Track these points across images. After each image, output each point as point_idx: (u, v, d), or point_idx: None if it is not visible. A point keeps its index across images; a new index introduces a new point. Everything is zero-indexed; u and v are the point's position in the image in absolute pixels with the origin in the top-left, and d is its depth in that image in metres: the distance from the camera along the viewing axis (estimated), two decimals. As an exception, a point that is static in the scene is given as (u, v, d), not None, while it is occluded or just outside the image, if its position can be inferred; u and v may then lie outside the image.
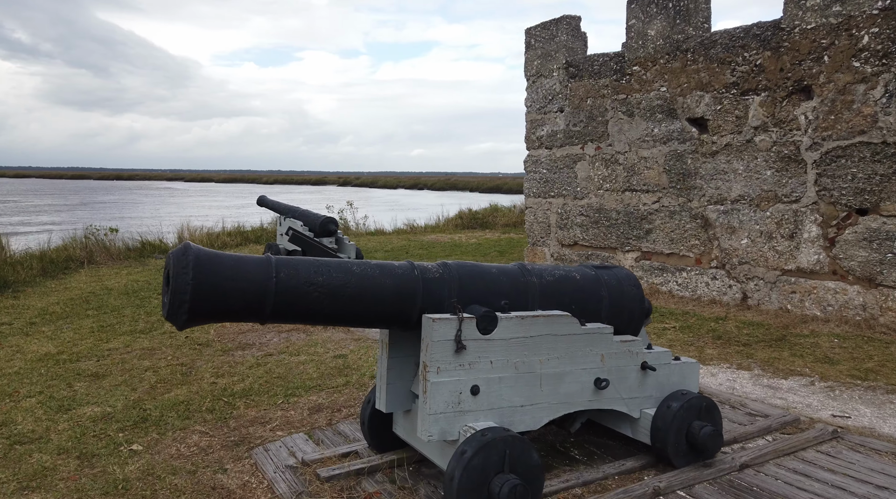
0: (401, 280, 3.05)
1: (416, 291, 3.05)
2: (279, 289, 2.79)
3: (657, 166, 8.16)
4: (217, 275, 2.68)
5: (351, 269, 2.98)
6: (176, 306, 2.62)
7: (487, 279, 3.24)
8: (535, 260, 10.05)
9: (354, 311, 2.96)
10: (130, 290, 9.32)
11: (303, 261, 2.94)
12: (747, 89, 7.14)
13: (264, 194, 12.68)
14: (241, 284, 2.73)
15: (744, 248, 7.28)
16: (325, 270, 2.92)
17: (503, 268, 3.36)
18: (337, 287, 2.90)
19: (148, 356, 5.95)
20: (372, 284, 2.98)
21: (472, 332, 2.99)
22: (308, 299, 2.85)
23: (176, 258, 2.65)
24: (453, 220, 18.57)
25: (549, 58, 9.59)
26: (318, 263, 2.94)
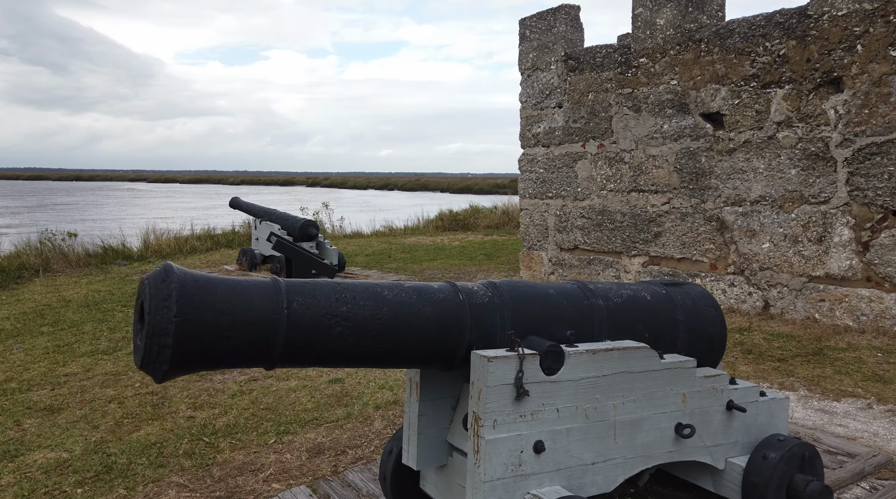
0: (443, 307, 2.39)
1: (463, 320, 2.40)
2: (292, 324, 2.11)
3: (667, 165, 7.62)
4: (210, 308, 2.00)
5: (382, 294, 2.31)
6: (154, 353, 1.93)
7: (545, 303, 2.60)
8: (532, 265, 9.45)
9: (386, 349, 2.30)
10: (91, 301, 8.47)
11: (320, 285, 2.26)
12: (769, 82, 6.62)
13: (237, 196, 11.88)
14: (243, 319, 2.05)
15: (765, 252, 6.76)
16: (349, 296, 2.25)
17: (561, 288, 2.72)
18: (366, 319, 2.24)
19: (112, 383, 5.18)
20: (409, 313, 2.32)
21: (534, 372, 2.34)
22: (329, 336, 2.18)
23: (153, 286, 1.96)
24: (433, 221, 17.91)
25: (546, 50, 9.00)
26: (339, 288, 2.27)
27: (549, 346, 2.36)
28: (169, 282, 1.96)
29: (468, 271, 11.01)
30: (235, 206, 11.52)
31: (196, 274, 2.06)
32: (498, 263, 12.02)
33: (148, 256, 12.63)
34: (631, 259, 8.12)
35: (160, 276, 1.99)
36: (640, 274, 8.00)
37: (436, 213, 19.02)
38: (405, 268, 11.40)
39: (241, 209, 11.50)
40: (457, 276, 10.61)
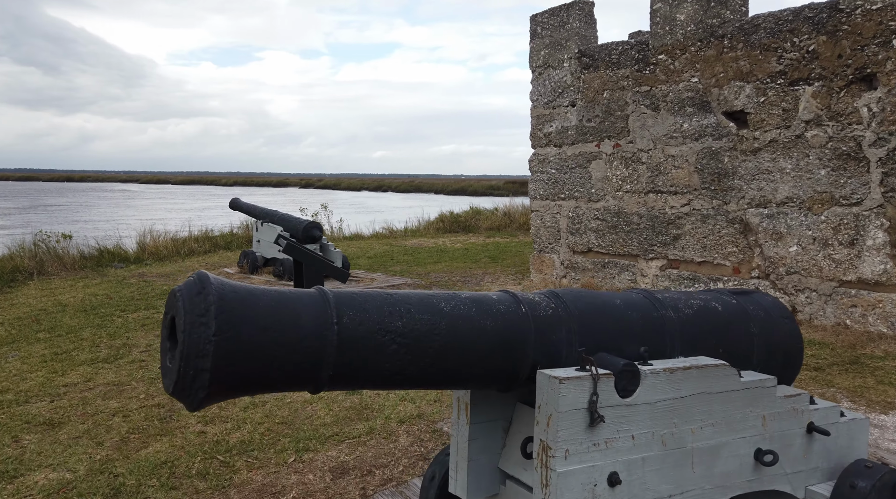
0: (506, 321, 2.12)
1: (527, 336, 2.13)
2: (343, 341, 1.84)
3: (687, 165, 7.37)
4: (252, 325, 1.72)
5: (438, 306, 2.04)
6: (189, 378, 1.65)
7: (614, 315, 2.33)
8: (543, 268, 9.20)
9: (444, 369, 2.03)
10: (88, 306, 8.15)
11: (371, 297, 1.99)
12: (797, 79, 6.39)
13: (237, 197, 11.58)
14: (289, 336, 1.77)
15: (792, 256, 6.53)
16: (403, 309, 1.97)
17: (627, 298, 2.46)
18: (423, 335, 1.96)
19: (115, 394, 4.88)
20: (468, 328, 2.05)
21: (609, 395, 2.08)
22: (383, 356, 1.91)
23: (188, 300, 1.68)
24: (434, 223, 17.63)
25: (558, 47, 8.75)
26: (392, 300, 1.99)
27: (624, 364, 2.10)
28: (206, 294, 1.68)
29: (474, 274, 10.74)
30: (235, 207, 11.22)
31: (235, 285, 1.79)
32: (504, 265, 11.77)
33: (145, 259, 12.31)
34: (648, 262, 7.88)
35: (195, 287, 1.71)
36: (658, 278, 7.75)
37: (434, 214, 18.76)
38: (410, 271, 11.13)
39: (241, 210, 11.20)
40: (463, 279, 10.34)
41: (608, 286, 8.29)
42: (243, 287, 1.79)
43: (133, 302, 8.36)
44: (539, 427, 2.07)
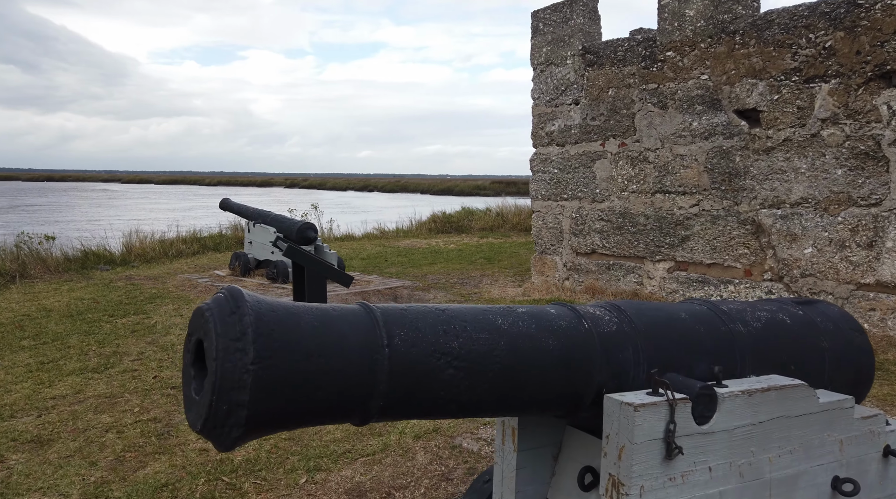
0: (569, 339, 1.88)
1: (592, 355, 1.89)
2: (395, 366, 1.59)
3: (696, 165, 7.18)
4: (296, 349, 1.47)
5: (495, 324, 1.79)
6: (222, 414, 1.39)
7: (681, 330, 2.09)
8: (545, 270, 8.98)
9: (503, 395, 1.78)
10: (74, 311, 7.82)
11: (421, 313, 1.74)
12: (813, 76, 6.21)
13: (228, 197, 11.26)
14: (336, 362, 1.52)
15: (807, 258, 6.35)
16: (458, 327, 1.72)
17: (692, 310, 2.22)
18: (481, 357, 1.72)
19: (107, 407, 4.59)
20: (529, 348, 1.80)
21: (686, 423, 1.84)
22: (438, 382, 1.66)
23: (220, 320, 1.42)
24: (426, 223, 17.37)
25: (561, 43, 8.53)
26: (445, 317, 1.74)
27: (701, 387, 1.86)
28: (241, 314, 1.42)
29: (472, 276, 10.51)
30: (226, 207, 10.90)
31: (271, 302, 1.53)
32: (501, 266, 11.55)
33: (131, 261, 11.95)
34: (655, 264, 7.68)
35: (227, 305, 1.45)
36: (665, 280, 7.56)
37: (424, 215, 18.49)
38: (405, 272, 10.88)
39: (232, 211, 10.88)
40: (460, 280, 10.11)
41: (613, 288, 8.08)
42: (280, 304, 1.54)
43: (121, 306, 8.03)
44: (608, 460, 1.83)
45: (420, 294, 9.14)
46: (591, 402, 1.90)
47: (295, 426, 1.57)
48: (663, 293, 7.59)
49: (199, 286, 9.31)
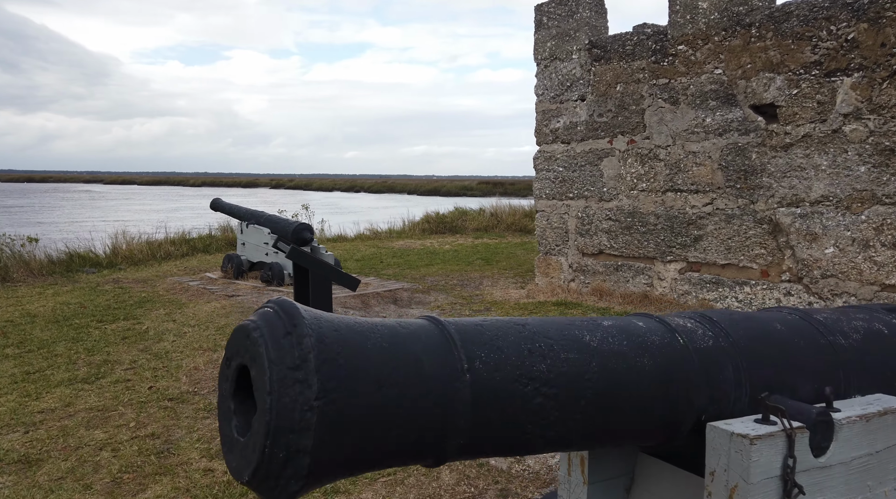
0: (665, 358, 1.61)
1: (691, 376, 1.62)
2: (478, 395, 1.31)
3: (710, 162, 6.96)
4: (365, 378, 1.18)
5: (583, 340, 1.52)
6: (279, 463, 1.11)
7: (780, 344, 1.83)
8: (549, 271, 8.73)
9: (595, 426, 1.51)
10: (60, 316, 7.45)
11: (500, 328, 1.45)
12: (834, 69, 6.00)
13: (219, 197, 10.90)
14: (410, 393, 1.23)
15: (829, 258, 6.14)
16: (544, 345, 1.44)
17: (786, 321, 1.95)
18: (572, 382, 1.44)
19: (100, 422, 4.26)
20: (624, 370, 1.53)
21: (804, 456, 1.58)
22: (525, 413, 1.38)
23: (273, 343, 1.14)
24: (420, 224, 17.06)
25: (566, 38, 8.28)
26: (526, 333, 1.46)
27: (818, 414, 1.60)
28: (300, 335, 1.14)
29: (471, 278, 10.24)
30: (217, 208, 10.54)
31: (332, 318, 1.24)
32: (500, 268, 11.29)
33: (118, 263, 11.55)
34: (666, 265, 7.44)
35: (280, 323, 1.16)
36: (677, 282, 7.33)
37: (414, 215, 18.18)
38: (403, 274, 10.58)
39: (223, 211, 10.53)
40: (460, 282, 9.83)
41: (621, 290, 7.85)
42: (342, 322, 1.25)
43: (110, 311, 7.68)
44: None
45: (420, 296, 8.85)
46: (691, 430, 1.63)
47: (361, 472, 1.29)
48: (674, 295, 7.36)
49: (190, 289, 8.96)
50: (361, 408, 1.15)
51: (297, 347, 1.12)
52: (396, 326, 1.33)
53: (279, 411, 1.08)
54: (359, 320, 1.29)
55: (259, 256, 9.40)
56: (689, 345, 1.66)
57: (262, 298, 8.22)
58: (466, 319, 1.46)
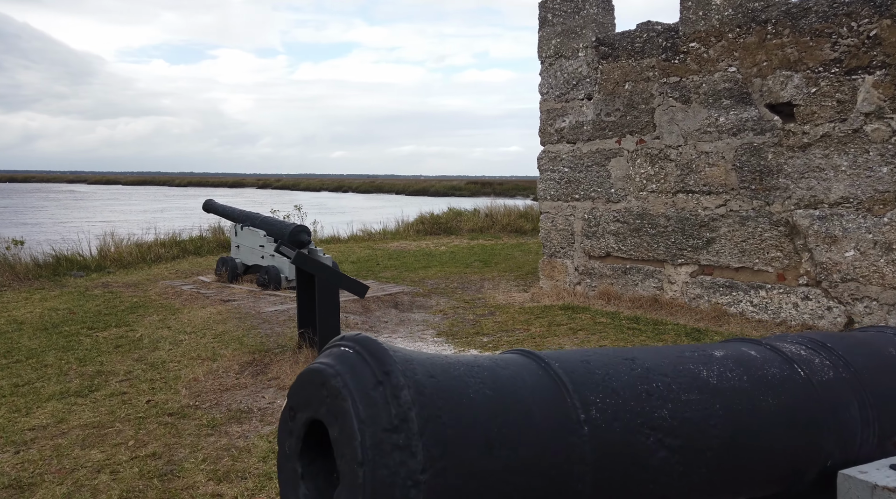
0: (787, 394, 1.37)
1: (818, 416, 1.39)
2: (597, 451, 1.07)
3: (723, 163, 6.77)
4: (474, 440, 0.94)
5: (700, 376, 1.28)
6: None
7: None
8: (554, 274, 8.51)
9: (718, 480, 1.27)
10: (49, 323, 7.14)
11: (609, 363, 1.21)
12: (855, 67, 5.82)
13: (212, 199, 10.60)
14: (522, 454, 0.99)
15: (849, 261, 5.96)
16: (661, 384, 1.20)
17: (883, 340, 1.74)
18: (696, 430, 1.20)
19: (95, 440, 3.99)
20: (748, 410, 1.29)
21: None
22: (649, 470, 1.14)
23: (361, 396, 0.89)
24: (414, 225, 16.81)
25: (572, 35, 8.07)
26: (639, 368, 1.22)
27: None
28: (396, 386, 0.90)
29: (471, 280, 10.02)
30: (210, 209, 10.25)
31: (422, 360, 1.00)
32: (500, 270, 11.07)
33: (107, 266, 11.21)
34: (677, 268, 7.25)
35: (368, 370, 0.92)
36: (688, 285, 7.13)
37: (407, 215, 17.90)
38: (401, 277, 10.34)
39: (216, 213, 10.23)
40: (461, 285, 9.61)
41: (630, 294, 7.64)
42: (433, 362, 1.01)
43: (101, 318, 7.37)
44: None
45: (422, 300, 8.61)
46: (816, 481, 1.40)
47: None
48: (685, 299, 7.17)
49: (183, 294, 8.66)
50: (472, 478, 0.92)
51: (393, 402, 0.88)
52: (493, 365, 1.09)
53: (375, 487, 0.84)
54: (449, 359, 1.06)
55: (254, 260, 9.12)
56: (811, 378, 1.43)
57: (260, 303, 7.95)
58: (565, 353, 1.22)
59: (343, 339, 1.00)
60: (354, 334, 1.00)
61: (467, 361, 1.07)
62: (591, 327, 6.81)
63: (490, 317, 7.63)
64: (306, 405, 0.98)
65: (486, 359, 1.12)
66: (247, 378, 5.05)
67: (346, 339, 0.99)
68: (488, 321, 7.40)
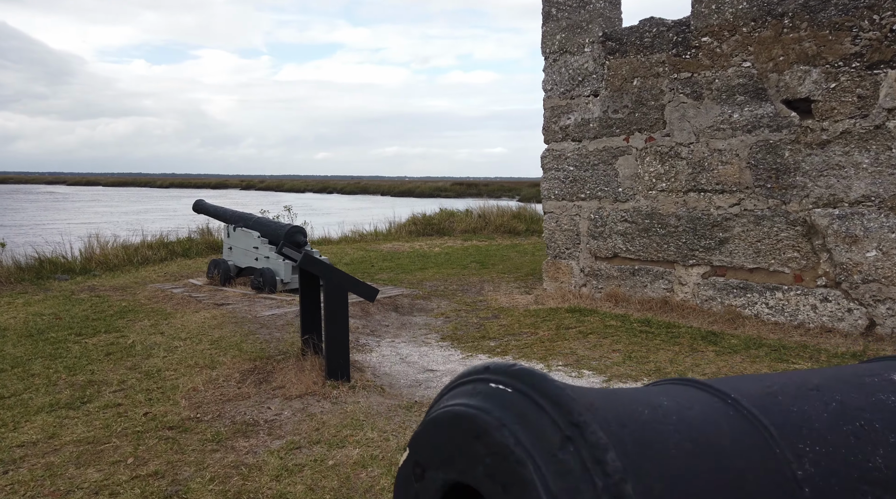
0: None
1: None
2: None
3: (737, 160, 6.58)
4: None
5: (890, 406, 1.04)
6: None
7: None
8: (559, 276, 8.29)
9: None
10: (34, 329, 6.79)
11: (800, 395, 0.97)
12: (877, 61, 5.65)
13: (202, 199, 10.26)
14: None
15: (870, 262, 5.79)
16: (864, 421, 0.96)
17: None
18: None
19: (92, 458, 3.68)
20: None
21: None
22: None
23: (546, 459, 0.62)
24: (406, 226, 16.53)
25: (577, 30, 7.85)
26: (833, 400, 0.98)
27: None
28: (594, 446, 0.63)
29: (471, 282, 9.77)
30: (201, 210, 9.91)
31: (604, 401, 0.74)
32: (498, 271, 10.83)
33: (92, 269, 10.83)
34: (688, 269, 7.05)
35: (548, 420, 0.66)
36: (700, 287, 6.94)
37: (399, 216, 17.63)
38: (398, 279, 10.06)
39: (207, 214, 9.89)
40: (461, 288, 9.36)
41: (639, 296, 7.44)
42: (614, 404, 0.75)
43: (89, 323, 7.03)
44: None
45: (422, 303, 8.35)
46: None
47: None
48: (697, 301, 6.97)
49: (174, 297, 8.33)
50: None
51: (596, 470, 0.62)
52: (679, 408, 0.83)
53: None
54: (620, 396, 0.80)
55: (248, 262, 8.81)
56: None
57: (256, 307, 7.64)
58: (741, 383, 0.97)
59: (490, 370, 0.74)
60: (506, 365, 0.74)
61: (642, 399, 0.81)
62: (601, 331, 6.59)
63: (494, 320, 7.39)
64: (446, 463, 0.72)
65: (655, 393, 0.86)
66: (249, 387, 4.76)
67: (496, 371, 0.74)
68: (493, 324, 7.16)
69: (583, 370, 5.42)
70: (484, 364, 0.76)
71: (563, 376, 5.29)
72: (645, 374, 5.26)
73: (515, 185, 71.45)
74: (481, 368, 0.75)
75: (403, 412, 4.27)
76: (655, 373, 5.27)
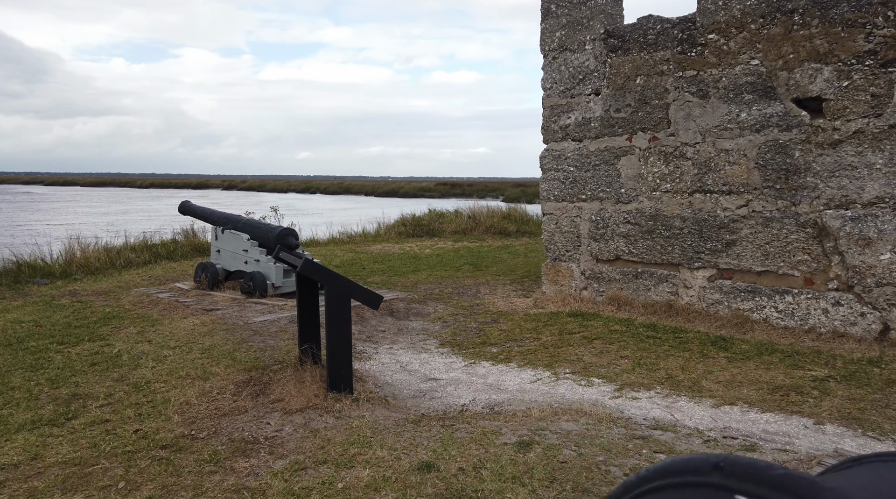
0: None
1: None
2: None
3: (745, 161, 6.41)
4: None
5: None
6: None
7: None
8: (559, 279, 8.08)
9: None
10: (13, 338, 6.46)
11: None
12: (892, 59, 5.50)
13: (188, 200, 9.93)
14: None
15: (884, 265, 5.64)
16: None
17: None
18: None
19: (79, 482, 3.40)
20: None
21: None
22: None
23: None
24: (395, 227, 16.27)
25: (578, 27, 7.65)
26: None
27: None
28: None
29: (465, 285, 9.54)
30: (187, 211, 9.59)
31: None
32: (492, 274, 10.62)
33: (73, 273, 10.46)
34: (693, 272, 6.88)
35: None
36: (706, 290, 6.76)
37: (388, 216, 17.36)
38: (391, 282, 9.81)
39: (194, 215, 9.57)
40: (457, 290, 9.13)
41: (642, 299, 7.25)
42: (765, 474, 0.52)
43: (71, 330, 6.71)
44: None
45: (417, 307, 8.11)
46: None
47: None
48: (703, 305, 6.80)
49: (160, 303, 8.02)
50: None
51: None
52: None
53: None
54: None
55: (237, 265, 8.51)
56: None
57: (246, 312, 7.36)
58: (839, 477, 0.74)
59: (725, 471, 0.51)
60: (753, 465, 0.50)
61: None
62: (606, 336, 6.40)
63: (494, 325, 7.17)
64: None
65: None
66: (246, 401, 4.50)
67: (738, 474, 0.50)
68: (493, 329, 6.95)
69: (592, 378, 5.21)
70: (704, 457, 0.53)
71: (573, 385, 5.08)
72: (657, 382, 5.06)
73: (499, 185, 71.37)
74: (702, 463, 0.52)
75: (412, 428, 4.03)
76: (667, 381, 5.08)
